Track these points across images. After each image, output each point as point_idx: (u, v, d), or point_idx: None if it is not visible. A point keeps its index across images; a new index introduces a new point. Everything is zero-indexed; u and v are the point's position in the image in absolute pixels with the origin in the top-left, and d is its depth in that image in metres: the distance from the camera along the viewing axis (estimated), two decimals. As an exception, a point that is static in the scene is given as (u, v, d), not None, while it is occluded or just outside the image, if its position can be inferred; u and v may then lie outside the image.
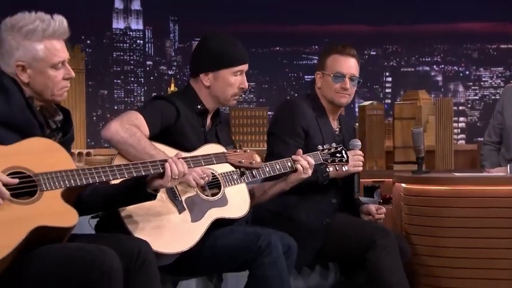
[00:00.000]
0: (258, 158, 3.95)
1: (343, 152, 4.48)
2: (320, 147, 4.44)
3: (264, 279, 3.88)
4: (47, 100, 3.47)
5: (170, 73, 7.80)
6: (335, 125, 4.87)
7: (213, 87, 4.23)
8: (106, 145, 7.64)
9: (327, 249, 4.61)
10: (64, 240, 3.26)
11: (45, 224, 3.16)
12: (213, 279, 4.22)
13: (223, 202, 4.07)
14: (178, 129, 4.09)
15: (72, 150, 3.66)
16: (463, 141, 8.28)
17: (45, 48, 3.37)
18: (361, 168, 4.68)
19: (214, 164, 3.84)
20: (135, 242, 3.44)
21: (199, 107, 4.23)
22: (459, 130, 8.31)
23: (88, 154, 7.55)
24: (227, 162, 3.86)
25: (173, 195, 3.88)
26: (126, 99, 7.91)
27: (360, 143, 4.77)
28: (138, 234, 3.72)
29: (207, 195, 4.03)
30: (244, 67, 4.27)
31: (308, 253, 4.47)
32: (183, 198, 3.88)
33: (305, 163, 4.28)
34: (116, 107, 7.65)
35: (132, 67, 8.08)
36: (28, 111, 3.35)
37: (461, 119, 8.33)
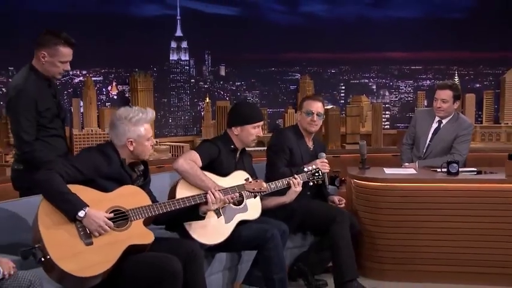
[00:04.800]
0: (264, 184, 3.95)
1: (319, 171, 4.43)
2: (305, 169, 4.39)
3: (269, 257, 3.93)
4: (139, 159, 3.47)
5: (206, 86, 7.80)
6: (310, 144, 4.82)
7: (240, 135, 4.20)
8: (166, 133, 7.67)
9: (305, 223, 4.61)
10: (146, 251, 3.24)
11: (134, 243, 3.17)
12: (236, 253, 4.20)
13: (245, 209, 4.07)
14: (218, 161, 4.08)
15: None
16: (388, 127, 8.26)
17: (145, 129, 3.39)
18: (328, 169, 4.59)
19: (237, 192, 3.81)
20: (189, 244, 3.45)
21: (232, 146, 4.20)
22: (385, 119, 8.23)
23: (155, 143, 7.43)
24: (245, 190, 3.83)
25: None
26: (178, 104, 7.87)
27: (324, 154, 4.69)
28: (192, 231, 3.76)
29: (235, 205, 4.02)
30: (260, 123, 4.23)
31: (291, 226, 4.41)
32: (221, 208, 3.84)
33: (295, 181, 4.26)
34: (172, 109, 7.62)
35: (181, 83, 8.04)
36: (121, 169, 3.32)
37: (387, 112, 8.28)
